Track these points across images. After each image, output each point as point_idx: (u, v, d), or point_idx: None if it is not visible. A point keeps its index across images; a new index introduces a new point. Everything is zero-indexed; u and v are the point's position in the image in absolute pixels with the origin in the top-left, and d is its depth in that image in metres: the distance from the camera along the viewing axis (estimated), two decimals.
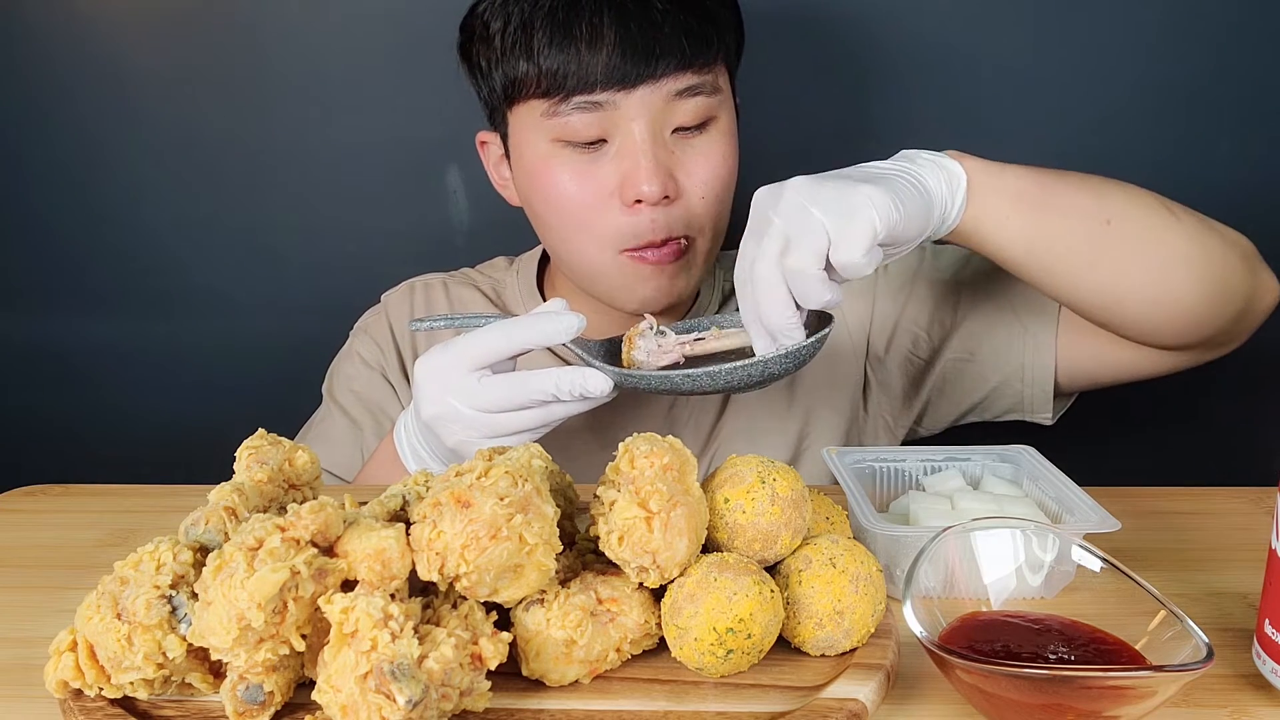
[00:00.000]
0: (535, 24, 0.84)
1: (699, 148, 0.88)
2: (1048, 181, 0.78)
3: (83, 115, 1.28)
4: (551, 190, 0.89)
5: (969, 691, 0.50)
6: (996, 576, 0.57)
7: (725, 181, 0.90)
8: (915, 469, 0.75)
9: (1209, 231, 0.81)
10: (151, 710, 0.52)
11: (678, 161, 0.87)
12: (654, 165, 0.85)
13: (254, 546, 0.47)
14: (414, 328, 0.82)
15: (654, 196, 0.85)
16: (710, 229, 0.91)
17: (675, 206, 0.88)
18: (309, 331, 1.33)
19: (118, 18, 1.25)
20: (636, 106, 0.85)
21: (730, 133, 0.91)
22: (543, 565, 0.51)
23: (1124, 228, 0.78)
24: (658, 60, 0.83)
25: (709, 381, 0.70)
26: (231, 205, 1.31)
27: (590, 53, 0.83)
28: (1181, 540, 0.74)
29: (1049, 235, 0.77)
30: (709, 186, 0.89)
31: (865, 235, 0.67)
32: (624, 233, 0.87)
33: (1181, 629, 0.50)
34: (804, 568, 0.56)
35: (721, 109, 0.89)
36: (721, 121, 0.90)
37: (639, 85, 0.84)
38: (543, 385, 0.71)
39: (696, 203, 0.89)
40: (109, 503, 0.84)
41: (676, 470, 0.54)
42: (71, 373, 1.39)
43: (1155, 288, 0.80)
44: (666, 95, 0.85)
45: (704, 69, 0.86)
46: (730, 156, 0.91)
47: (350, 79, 1.26)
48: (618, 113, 0.85)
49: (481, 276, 1.09)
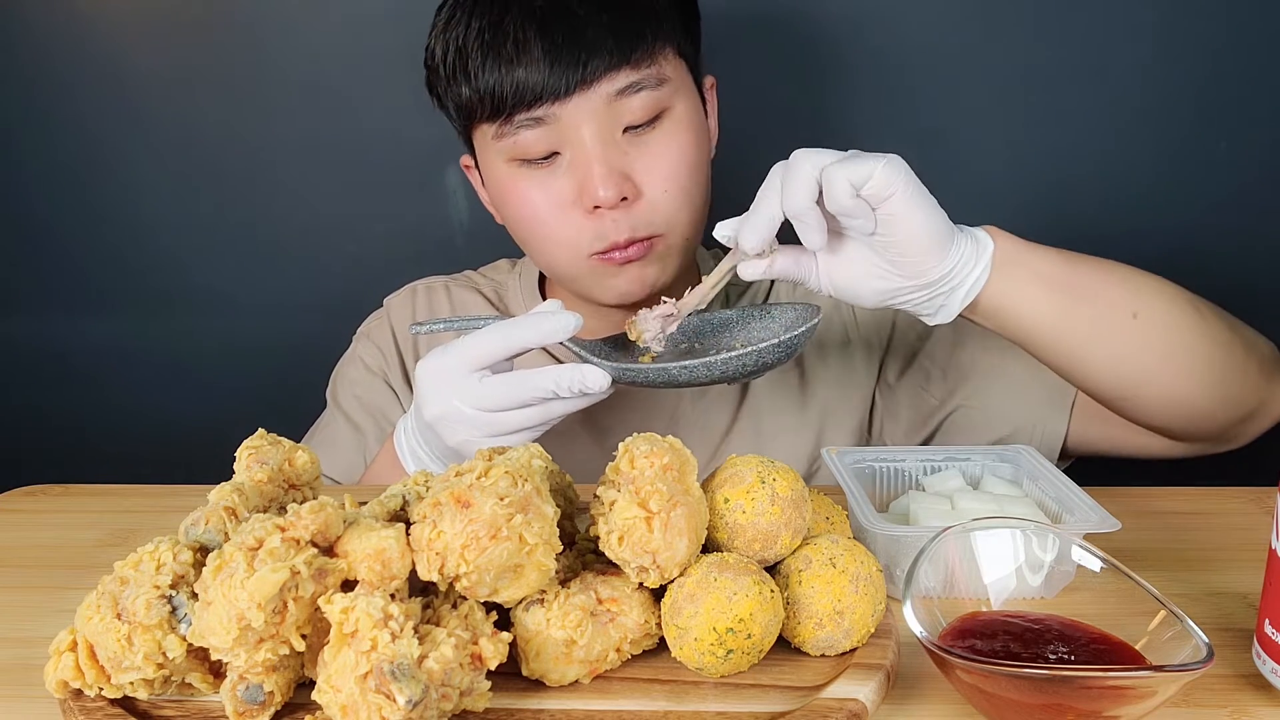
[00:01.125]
0: (469, 47, 0.85)
1: (654, 144, 0.87)
2: (1079, 267, 0.77)
3: (83, 115, 1.28)
4: (516, 207, 0.89)
5: (969, 691, 0.50)
6: (996, 576, 0.57)
7: (689, 171, 0.88)
8: (915, 469, 0.75)
9: (1233, 335, 0.81)
10: (151, 710, 0.52)
11: (633, 161, 0.86)
12: (606, 171, 0.84)
13: (254, 546, 0.47)
14: (415, 331, 0.83)
15: (610, 201, 0.84)
16: (682, 220, 0.89)
17: (637, 206, 0.86)
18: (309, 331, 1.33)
19: (118, 18, 1.25)
20: (578, 114, 0.84)
21: (688, 120, 0.89)
22: (543, 565, 0.51)
23: (1150, 322, 0.77)
24: (585, 65, 0.82)
25: (705, 372, 0.71)
26: (231, 205, 1.31)
27: (521, 68, 0.83)
28: (1181, 540, 0.74)
29: (1074, 321, 0.76)
30: (671, 181, 0.87)
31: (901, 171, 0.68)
32: (588, 238, 0.87)
33: (1181, 629, 0.50)
34: (804, 568, 0.56)
35: (676, 98, 0.87)
36: (676, 111, 0.88)
37: (573, 94, 0.83)
38: (542, 383, 0.72)
39: (659, 198, 0.87)
40: (109, 503, 0.84)
41: (676, 470, 0.54)
42: (72, 373, 1.39)
43: (1172, 384, 0.79)
44: (606, 98, 0.84)
45: (642, 63, 0.84)
46: (690, 146, 0.88)
47: (350, 79, 1.26)
48: (561, 123, 0.84)
49: (483, 279, 1.09)
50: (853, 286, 0.74)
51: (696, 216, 0.91)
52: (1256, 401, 0.82)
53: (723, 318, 0.85)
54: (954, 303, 0.73)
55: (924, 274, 0.71)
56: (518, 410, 0.74)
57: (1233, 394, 0.81)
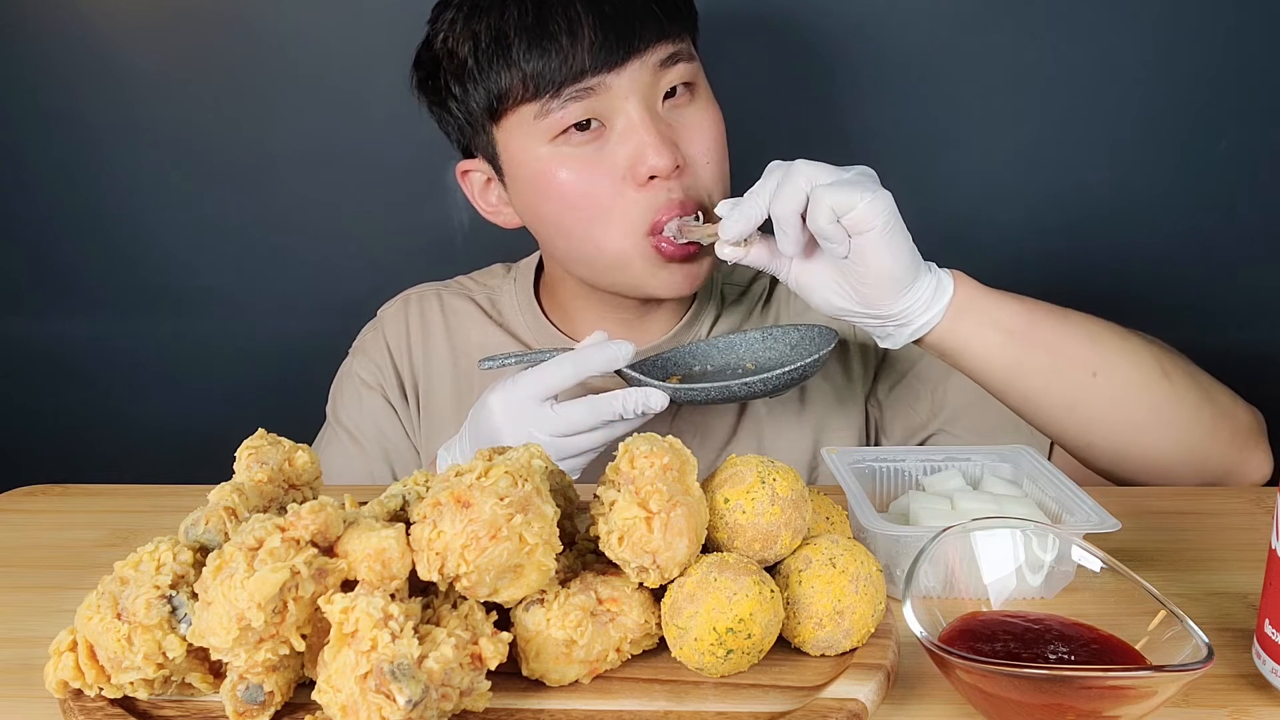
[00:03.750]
0: (509, 33, 0.84)
1: (692, 115, 0.89)
2: (1041, 320, 0.79)
3: (83, 115, 1.28)
4: (561, 189, 0.87)
5: (969, 691, 0.50)
6: (996, 576, 0.57)
7: (723, 146, 0.91)
8: (915, 469, 0.75)
9: (1202, 401, 0.82)
10: (151, 710, 0.52)
11: (677, 132, 0.87)
12: (659, 138, 0.84)
13: (254, 546, 0.47)
14: (485, 366, 0.86)
15: (666, 169, 0.84)
16: (719, 193, 0.90)
17: (685, 176, 0.87)
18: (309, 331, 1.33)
19: (118, 18, 1.25)
20: (628, 84, 0.85)
21: (711, 98, 0.91)
22: (543, 565, 0.51)
23: (1109, 381, 0.79)
24: (639, 33, 0.84)
25: (761, 386, 0.79)
26: (231, 205, 1.31)
27: (572, 43, 0.83)
28: (1181, 540, 0.74)
29: (1027, 370, 0.79)
30: (711, 151, 0.89)
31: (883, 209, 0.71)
32: (645, 211, 0.86)
33: (1181, 629, 0.50)
34: (804, 568, 0.56)
35: (699, 76, 0.90)
36: (703, 88, 0.90)
37: (627, 62, 0.84)
38: (611, 406, 0.79)
39: (703, 169, 0.88)
40: (109, 503, 0.84)
41: (676, 470, 0.54)
42: (72, 373, 1.39)
43: (1127, 443, 0.82)
44: (653, 68, 0.85)
45: (679, 37, 0.87)
46: (720, 122, 0.91)
47: (350, 79, 1.26)
48: (610, 94, 0.84)
49: (477, 286, 1.08)
50: (813, 295, 0.79)
51: (728, 190, 0.91)
52: (1224, 468, 0.83)
53: (728, 341, 0.91)
54: (902, 335, 0.78)
55: (879, 306, 0.76)
56: (587, 433, 0.80)
57: (1197, 458, 0.82)
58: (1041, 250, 1.29)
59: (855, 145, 1.27)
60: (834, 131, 1.27)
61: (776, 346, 0.90)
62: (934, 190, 1.28)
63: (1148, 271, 1.29)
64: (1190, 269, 1.29)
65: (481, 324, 1.04)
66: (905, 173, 1.26)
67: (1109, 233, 1.28)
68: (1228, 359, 1.01)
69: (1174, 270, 1.29)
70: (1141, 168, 1.25)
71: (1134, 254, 1.28)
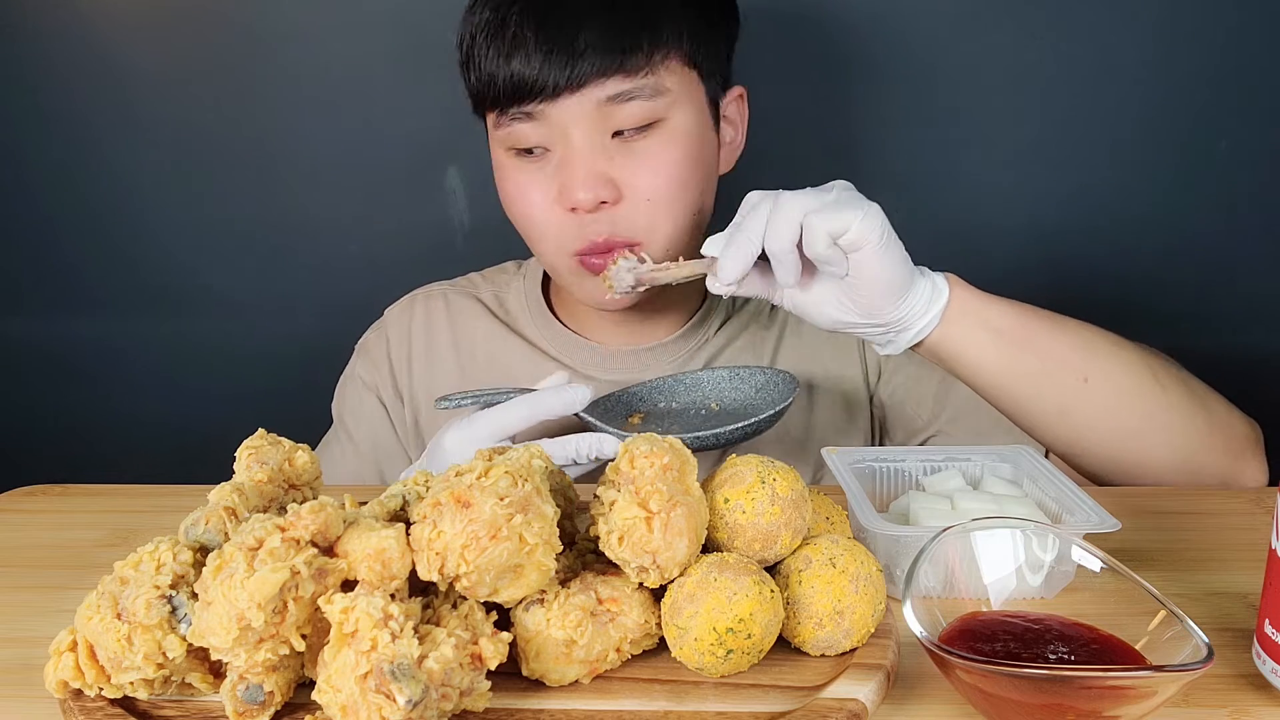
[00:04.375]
0: (477, 36, 0.86)
1: (643, 152, 0.87)
2: (1034, 324, 0.80)
3: (83, 115, 1.28)
4: (509, 198, 0.91)
5: (969, 691, 0.50)
6: (996, 576, 0.57)
7: (676, 184, 0.88)
8: (915, 469, 0.75)
9: (1196, 409, 0.82)
10: (151, 710, 0.52)
11: (619, 166, 0.86)
12: (585, 174, 0.85)
13: (254, 546, 0.47)
14: (440, 406, 0.86)
15: (586, 205, 0.85)
16: (663, 232, 0.89)
17: (618, 210, 0.87)
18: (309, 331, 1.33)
19: (118, 18, 1.25)
20: (567, 114, 0.85)
21: (685, 132, 0.88)
22: (543, 565, 0.51)
23: (1101, 388, 0.79)
24: (574, 69, 0.83)
25: (714, 440, 0.81)
26: (231, 205, 1.31)
27: (517, 62, 0.84)
28: (1181, 540, 0.74)
29: (1021, 376, 0.80)
30: (658, 190, 0.87)
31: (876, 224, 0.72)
32: (571, 236, 0.88)
33: (1181, 629, 0.50)
34: (804, 568, 0.56)
35: (673, 109, 0.87)
36: (671, 123, 0.87)
37: (560, 96, 0.84)
38: (565, 451, 0.80)
39: (641, 206, 0.87)
40: (109, 503, 0.84)
41: (676, 470, 0.54)
42: (71, 373, 1.39)
43: (1120, 450, 0.82)
44: (596, 102, 0.84)
45: (637, 72, 0.84)
46: (680, 160, 0.88)
47: (350, 79, 1.26)
48: (551, 121, 0.85)
49: (485, 284, 1.09)
50: (811, 312, 0.79)
51: (680, 229, 0.90)
52: (1219, 478, 0.83)
53: (694, 379, 0.93)
54: (903, 340, 0.79)
55: (879, 314, 0.76)
56: None
57: (1191, 467, 0.82)
58: (1041, 251, 1.29)
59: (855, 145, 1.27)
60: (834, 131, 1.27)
61: (742, 388, 0.92)
62: (933, 191, 1.28)
63: (1147, 273, 1.29)
64: (1189, 270, 1.29)
65: (488, 323, 1.04)
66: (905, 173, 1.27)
67: (1108, 233, 1.28)
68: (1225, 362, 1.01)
69: (1173, 271, 1.29)
70: (1141, 168, 1.25)
71: (1133, 255, 1.28)
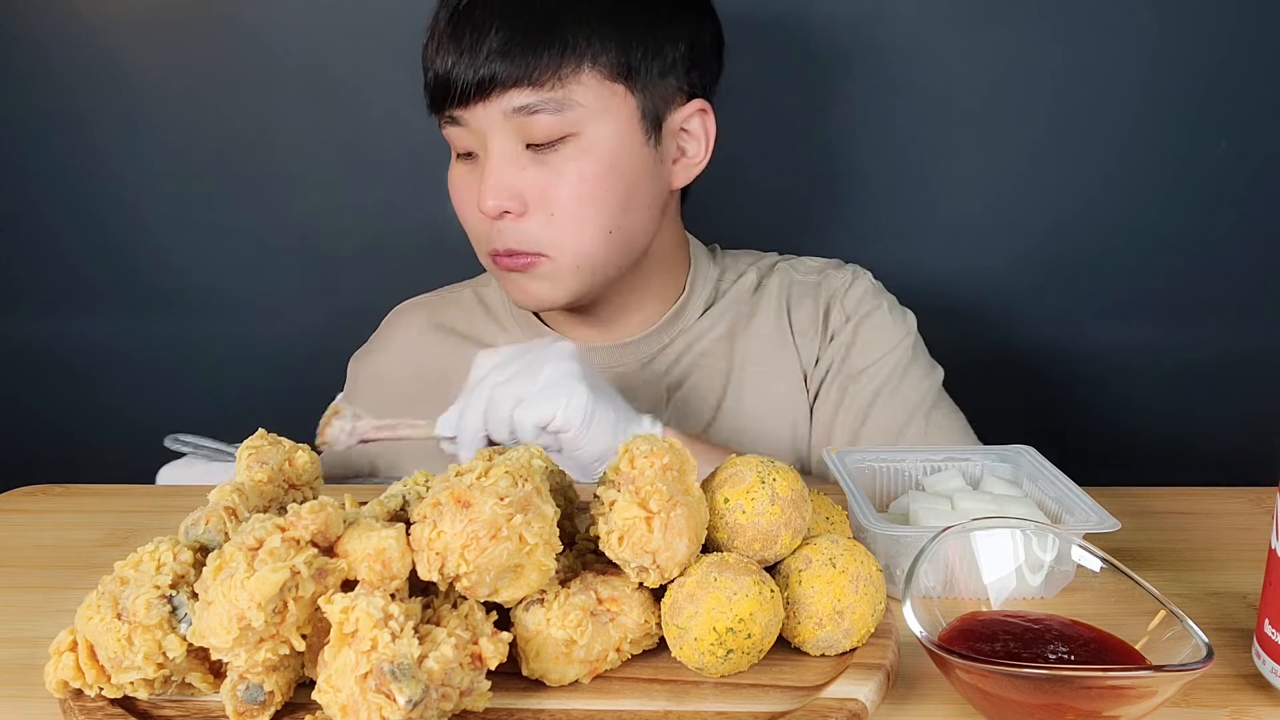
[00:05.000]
0: (429, 34, 0.89)
1: (554, 165, 0.87)
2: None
3: (83, 115, 1.28)
4: (451, 195, 0.95)
5: (969, 691, 0.50)
6: (996, 576, 0.57)
7: (586, 199, 0.88)
8: (915, 469, 0.75)
9: None
10: (151, 710, 0.52)
11: (529, 178, 0.87)
12: (492, 184, 0.87)
13: (254, 546, 0.47)
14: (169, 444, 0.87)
15: (492, 212, 0.88)
16: (572, 246, 0.89)
17: (522, 222, 0.88)
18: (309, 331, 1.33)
19: (118, 18, 1.25)
20: (483, 122, 0.86)
21: (600, 148, 0.87)
22: (543, 565, 0.51)
23: None
24: (479, 77, 0.84)
25: None
26: (231, 205, 1.31)
27: (439, 64, 0.86)
28: (1181, 540, 0.74)
29: None
30: (561, 205, 0.88)
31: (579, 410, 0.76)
32: (484, 238, 0.92)
33: (1181, 629, 0.50)
34: (804, 568, 0.56)
35: (589, 123, 0.86)
36: (586, 137, 0.87)
37: (477, 102, 0.86)
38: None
39: (545, 220, 0.88)
40: (109, 503, 0.84)
41: (676, 470, 0.54)
42: (71, 373, 1.39)
43: None
44: (504, 113, 0.85)
45: (545, 85, 0.84)
46: (589, 178, 0.87)
47: (351, 79, 1.26)
48: (471, 127, 0.88)
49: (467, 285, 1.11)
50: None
51: (590, 245, 0.90)
52: None
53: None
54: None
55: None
56: None
57: None
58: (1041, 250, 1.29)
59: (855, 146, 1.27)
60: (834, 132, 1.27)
61: None
62: (933, 191, 1.28)
63: (1146, 272, 1.29)
64: (1189, 270, 1.29)
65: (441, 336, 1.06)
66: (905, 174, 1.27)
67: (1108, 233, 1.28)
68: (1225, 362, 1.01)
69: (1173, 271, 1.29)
70: (1141, 168, 1.25)
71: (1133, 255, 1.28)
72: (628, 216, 0.91)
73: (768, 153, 1.18)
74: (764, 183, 1.21)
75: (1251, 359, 1.29)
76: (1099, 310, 1.30)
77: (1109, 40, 1.21)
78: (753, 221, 1.10)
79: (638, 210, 0.92)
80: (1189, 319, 1.29)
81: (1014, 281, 1.30)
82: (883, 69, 1.23)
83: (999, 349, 1.32)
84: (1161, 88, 1.22)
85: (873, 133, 1.26)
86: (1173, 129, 1.23)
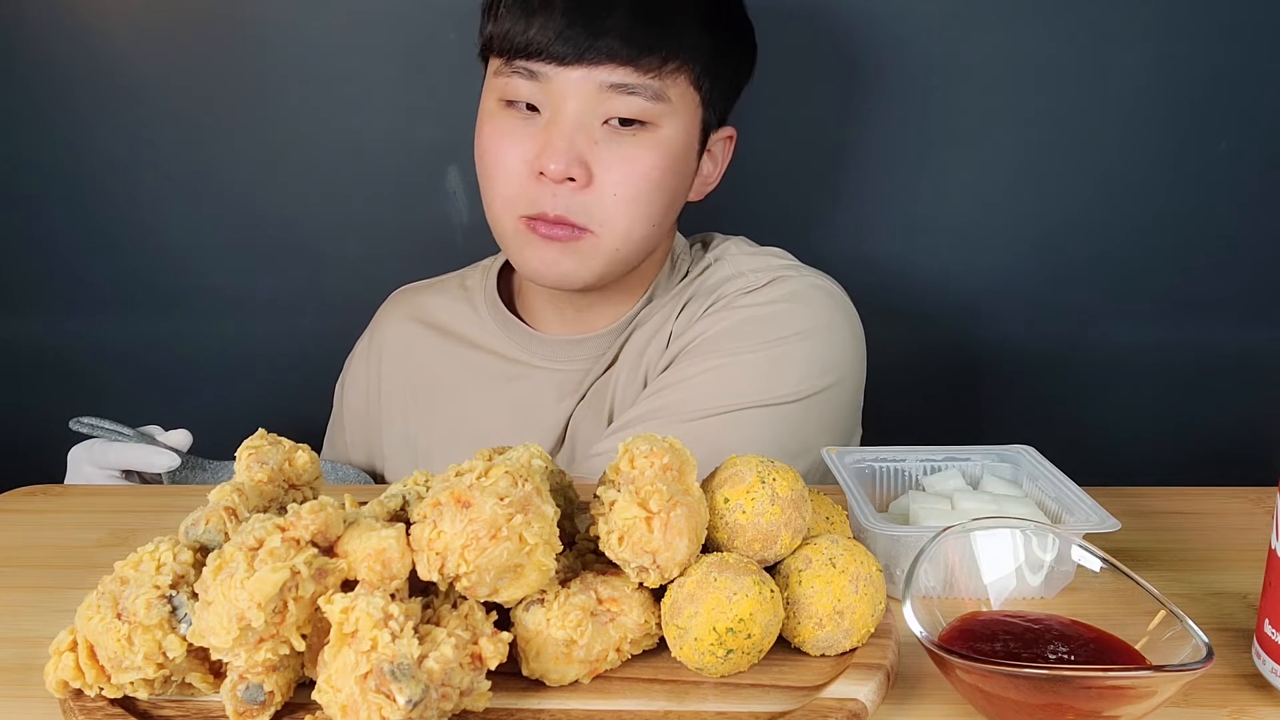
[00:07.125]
0: None
1: (625, 147, 0.88)
2: None
3: (83, 115, 1.28)
4: (483, 144, 0.92)
5: (969, 691, 0.50)
6: (996, 576, 0.57)
7: (647, 189, 0.89)
8: (915, 469, 0.75)
9: None
10: (151, 710, 0.52)
11: (599, 153, 0.88)
12: (566, 146, 0.86)
13: (254, 546, 0.47)
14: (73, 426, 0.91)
15: (557, 175, 0.87)
16: (620, 228, 0.90)
17: (583, 194, 0.88)
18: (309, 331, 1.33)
19: (118, 19, 1.25)
20: (570, 86, 0.86)
21: (669, 146, 0.89)
22: (543, 565, 0.51)
23: None
24: (593, 46, 0.84)
25: None
26: (232, 205, 1.31)
27: (539, 23, 0.85)
28: (1181, 540, 0.74)
29: None
30: (624, 186, 0.88)
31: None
32: (525, 199, 0.89)
33: (1181, 629, 0.50)
34: (804, 568, 0.56)
35: (666, 120, 0.88)
36: (662, 131, 0.89)
37: (573, 66, 0.85)
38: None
39: (607, 198, 0.88)
40: (109, 503, 0.84)
41: (676, 470, 0.54)
42: (72, 373, 1.38)
43: None
44: (600, 85, 0.86)
45: (648, 72, 0.86)
46: (658, 168, 0.89)
47: (351, 79, 1.26)
48: (552, 86, 0.87)
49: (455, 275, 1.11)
50: None
51: (636, 232, 0.91)
52: None
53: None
54: None
55: None
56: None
57: None
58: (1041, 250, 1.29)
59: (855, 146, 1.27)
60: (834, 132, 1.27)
61: None
62: (933, 191, 1.28)
63: (1146, 272, 1.29)
64: (1189, 270, 1.29)
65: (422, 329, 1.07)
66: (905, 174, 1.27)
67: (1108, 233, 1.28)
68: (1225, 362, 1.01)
69: (1172, 271, 1.29)
70: (1140, 169, 1.25)
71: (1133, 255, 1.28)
72: (666, 217, 0.93)
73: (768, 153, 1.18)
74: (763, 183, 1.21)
75: (1251, 359, 1.29)
76: (1099, 310, 1.30)
77: (1109, 40, 1.21)
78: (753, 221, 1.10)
79: (673, 212, 0.95)
80: (1189, 319, 1.29)
81: (1014, 281, 1.30)
82: (883, 69, 1.24)
83: (999, 349, 1.32)
84: (1161, 88, 1.22)
85: (872, 133, 1.26)
86: (1172, 129, 1.23)
